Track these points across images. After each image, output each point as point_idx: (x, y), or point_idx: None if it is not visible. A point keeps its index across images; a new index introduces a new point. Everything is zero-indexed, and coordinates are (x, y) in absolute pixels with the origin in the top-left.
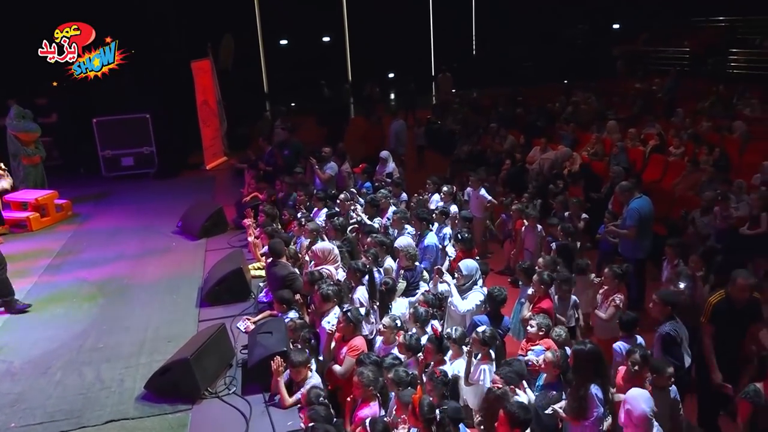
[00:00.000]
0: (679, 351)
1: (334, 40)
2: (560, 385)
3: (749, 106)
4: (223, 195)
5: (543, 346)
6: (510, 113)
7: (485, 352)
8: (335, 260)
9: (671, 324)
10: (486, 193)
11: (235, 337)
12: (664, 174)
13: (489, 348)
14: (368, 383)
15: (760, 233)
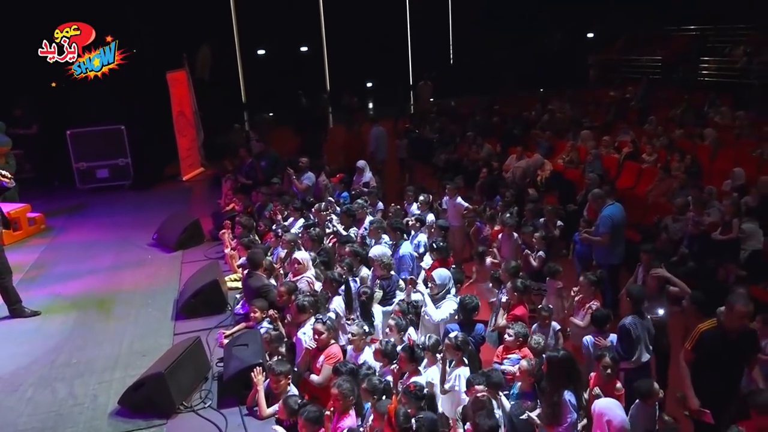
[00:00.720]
0: (631, 345)
1: (312, 50)
2: (535, 394)
3: (719, 114)
4: (200, 206)
5: (519, 355)
6: (487, 122)
7: (458, 358)
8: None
9: (633, 318)
10: (462, 201)
11: (211, 350)
12: (637, 181)
13: (462, 353)
14: (347, 394)
15: (731, 238)
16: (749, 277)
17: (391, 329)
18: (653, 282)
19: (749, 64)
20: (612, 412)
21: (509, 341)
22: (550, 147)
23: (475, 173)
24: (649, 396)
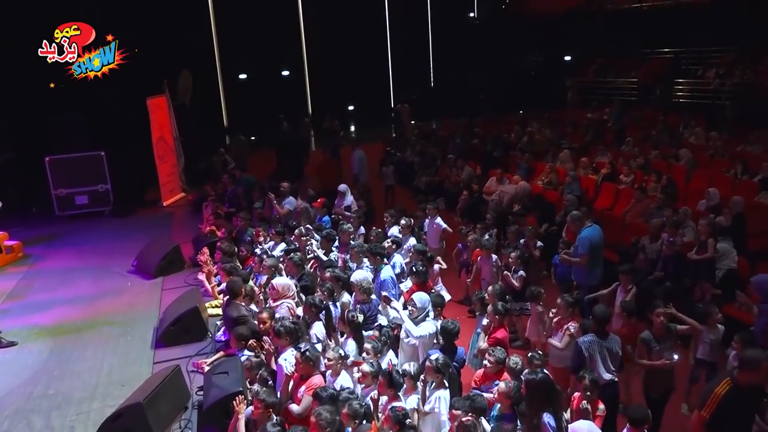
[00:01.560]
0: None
1: (293, 74)
2: (515, 416)
3: (694, 135)
4: (181, 232)
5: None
6: (467, 144)
7: (439, 380)
8: (294, 296)
9: (591, 336)
10: (441, 222)
11: (191, 378)
12: (615, 202)
13: (442, 376)
14: (327, 424)
15: (707, 258)
16: (724, 296)
17: (368, 352)
18: (659, 322)
19: (721, 85)
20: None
21: (489, 368)
22: (530, 168)
23: (456, 195)
24: (642, 422)
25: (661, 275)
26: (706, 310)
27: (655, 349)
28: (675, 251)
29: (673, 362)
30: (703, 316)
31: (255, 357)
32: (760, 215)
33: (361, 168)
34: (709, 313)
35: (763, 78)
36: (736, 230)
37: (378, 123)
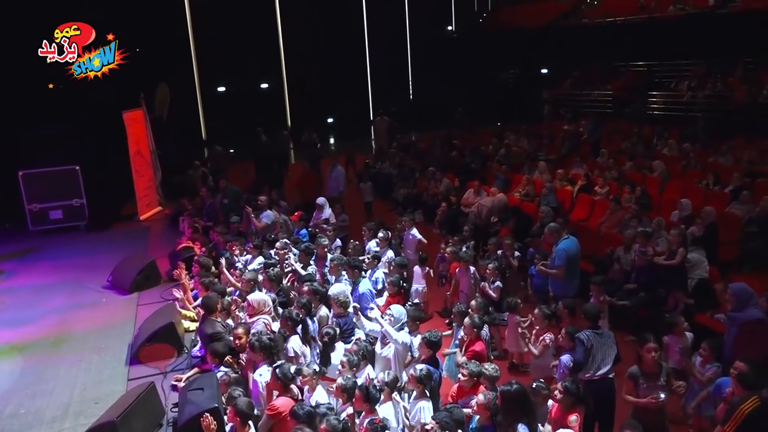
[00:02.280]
0: (587, 356)
1: (272, 87)
2: (494, 427)
3: (668, 146)
4: (158, 246)
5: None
6: (445, 156)
7: (420, 391)
8: (271, 311)
9: (589, 332)
10: (417, 233)
11: (166, 395)
12: (590, 213)
13: (424, 387)
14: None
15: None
16: (697, 305)
17: (343, 366)
18: (650, 358)
19: (693, 97)
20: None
21: (463, 381)
22: (507, 180)
23: (434, 207)
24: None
25: (633, 287)
26: (671, 320)
27: (642, 386)
28: (647, 261)
29: (660, 401)
30: (670, 325)
31: (232, 373)
32: (731, 225)
33: (337, 185)
34: (675, 323)
35: (733, 90)
36: (708, 240)
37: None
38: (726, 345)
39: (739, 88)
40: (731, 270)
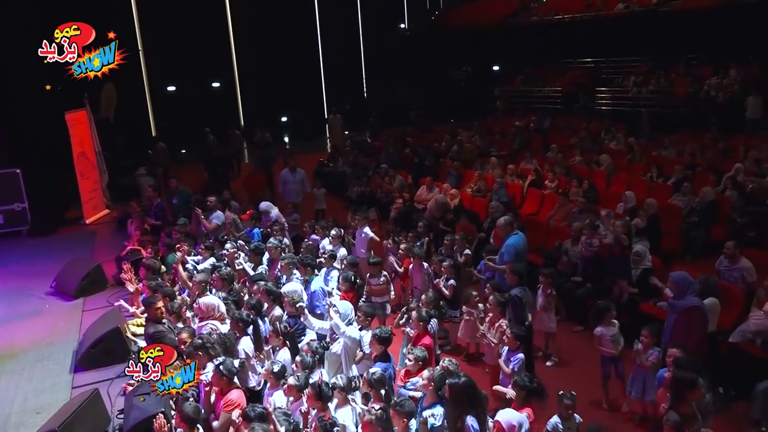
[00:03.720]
0: (524, 311)
1: (224, 85)
2: (441, 402)
3: (615, 140)
4: (105, 250)
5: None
6: (398, 154)
7: (374, 394)
8: (222, 317)
9: (519, 289)
10: (369, 231)
11: (113, 401)
12: (540, 207)
13: (377, 390)
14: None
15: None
16: (640, 294)
17: (297, 365)
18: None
19: (639, 93)
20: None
21: (410, 365)
22: (459, 176)
23: (388, 205)
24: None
25: (579, 279)
26: (603, 307)
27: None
28: (593, 253)
29: None
30: (602, 312)
31: None
32: (672, 216)
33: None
34: (608, 309)
35: (675, 86)
36: (651, 231)
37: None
38: (665, 332)
39: (682, 84)
40: (673, 259)
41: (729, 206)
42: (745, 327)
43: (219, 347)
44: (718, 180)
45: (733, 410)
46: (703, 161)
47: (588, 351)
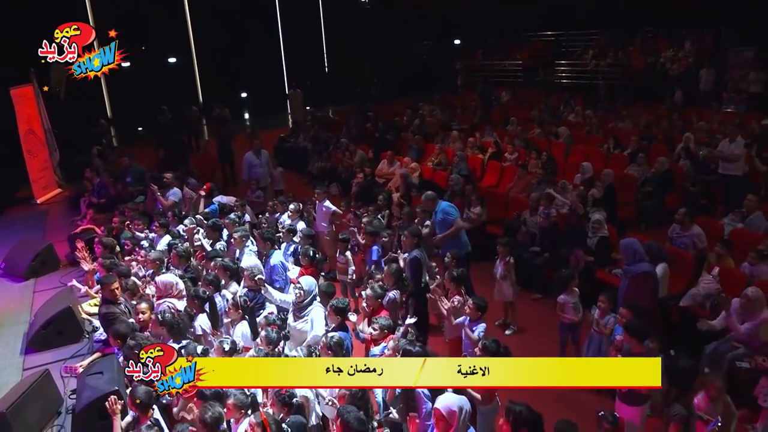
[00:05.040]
0: (421, 271)
1: (180, 61)
2: None
3: (573, 113)
4: (57, 230)
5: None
6: (360, 128)
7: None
8: (180, 294)
9: (417, 251)
10: (330, 205)
11: (65, 382)
12: (500, 179)
13: (335, 355)
14: (213, 423)
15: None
16: (596, 262)
17: (262, 341)
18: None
19: (597, 66)
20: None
21: (375, 335)
22: (420, 150)
23: (349, 180)
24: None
25: (537, 249)
26: (567, 275)
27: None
28: (551, 223)
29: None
30: (566, 281)
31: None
32: (628, 186)
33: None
34: (571, 277)
35: (632, 59)
36: (607, 200)
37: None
38: (618, 297)
39: (638, 57)
40: (629, 228)
41: (682, 176)
42: (695, 291)
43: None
44: (672, 151)
45: None
46: (658, 132)
47: (545, 318)
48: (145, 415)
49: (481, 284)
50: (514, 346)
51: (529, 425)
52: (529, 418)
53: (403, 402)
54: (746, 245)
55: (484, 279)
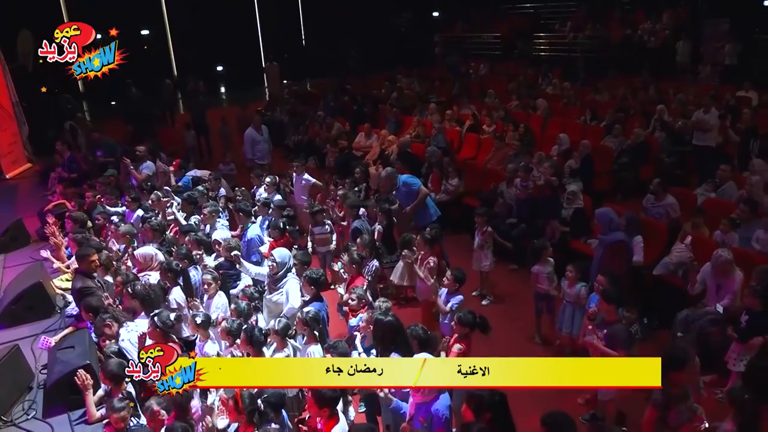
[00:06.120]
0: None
1: (154, 33)
2: None
3: (551, 85)
4: (27, 205)
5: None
6: (338, 102)
7: (308, 333)
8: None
9: (359, 221)
10: (309, 177)
11: (36, 357)
12: (477, 151)
13: (312, 329)
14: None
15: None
16: (572, 232)
17: (233, 313)
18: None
19: (575, 38)
20: None
21: (353, 305)
22: (398, 123)
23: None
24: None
25: (514, 221)
26: (540, 245)
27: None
28: (527, 195)
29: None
30: (539, 250)
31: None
32: (604, 157)
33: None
34: (544, 247)
35: (611, 31)
36: (584, 172)
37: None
38: (593, 266)
39: (616, 30)
40: (605, 199)
41: (658, 147)
42: (668, 259)
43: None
44: (649, 122)
45: (657, 339)
46: (635, 104)
47: (521, 289)
48: (117, 387)
49: (458, 256)
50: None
51: (492, 408)
52: (491, 401)
53: None
54: (719, 214)
55: (461, 250)
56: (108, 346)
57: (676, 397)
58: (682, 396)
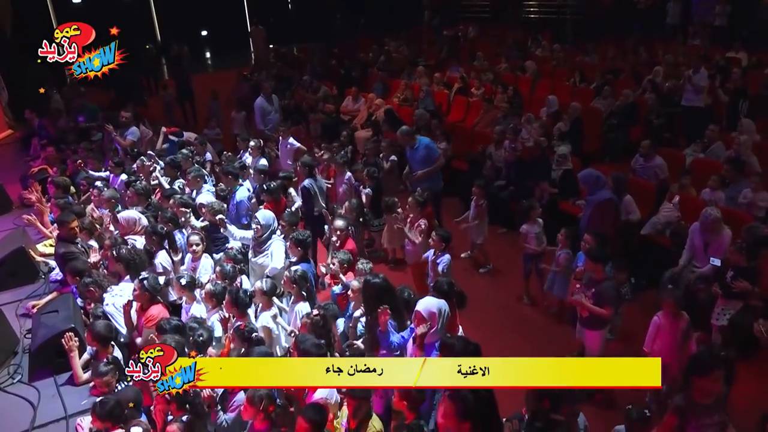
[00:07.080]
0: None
1: None
2: None
3: (541, 48)
4: (8, 171)
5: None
6: (324, 66)
7: (296, 293)
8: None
9: (309, 180)
10: (294, 141)
11: (21, 322)
12: (466, 114)
13: (299, 288)
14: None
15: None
16: (561, 193)
17: (218, 276)
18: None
19: (564, 0)
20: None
21: (334, 270)
22: (386, 86)
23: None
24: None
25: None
26: (529, 205)
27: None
28: (516, 156)
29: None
30: (527, 210)
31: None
32: (594, 119)
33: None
34: (532, 207)
35: None
36: (573, 134)
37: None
38: (581, 226)
39: None
40: (594, 160)
41: (647, 108)
42: (656, 219)
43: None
44: (638, 84)
45: (644, 299)
46: (624, 66)
47: (510, 251)
48: (104, 349)
49: (446, 221)
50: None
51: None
52: (464, 351)
53: (368, 333)
54: (707, 174)
55: (450, 214)
56: (94, 308)
57: (700, 407)
58: (709, 408)
